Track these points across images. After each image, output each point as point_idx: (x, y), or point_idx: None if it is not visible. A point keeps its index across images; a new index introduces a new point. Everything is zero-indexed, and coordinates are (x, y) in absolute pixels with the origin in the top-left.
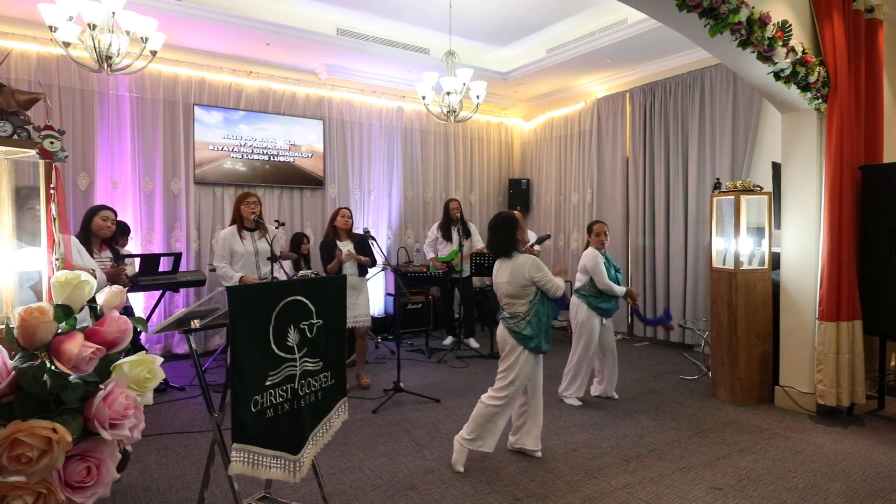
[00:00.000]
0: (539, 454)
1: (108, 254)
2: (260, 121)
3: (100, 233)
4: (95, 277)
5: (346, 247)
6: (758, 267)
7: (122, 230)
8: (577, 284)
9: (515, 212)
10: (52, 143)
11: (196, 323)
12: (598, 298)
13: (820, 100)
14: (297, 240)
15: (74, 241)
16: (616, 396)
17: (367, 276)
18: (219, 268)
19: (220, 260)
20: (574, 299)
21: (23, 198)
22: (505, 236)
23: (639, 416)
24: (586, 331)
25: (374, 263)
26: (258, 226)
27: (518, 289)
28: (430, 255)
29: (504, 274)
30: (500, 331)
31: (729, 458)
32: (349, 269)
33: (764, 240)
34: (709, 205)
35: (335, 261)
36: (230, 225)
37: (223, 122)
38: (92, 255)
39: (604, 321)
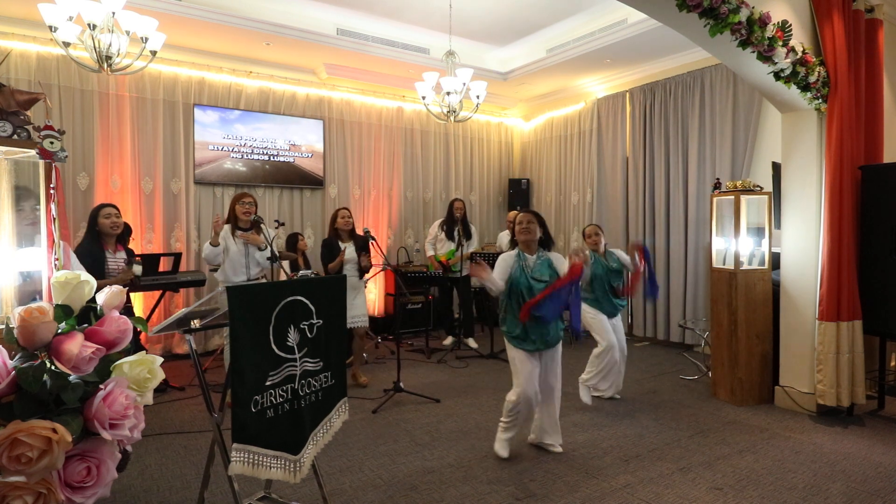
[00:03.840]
0: (557, 449)
1: (122, 254)
2: (260, 121)
3: (111, 231)
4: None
5: (347, 248)
6: (758, 267)
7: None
8: None
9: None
10: (52, 143)
11: (196, 323)
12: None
13: (820, 100)
14: (293, 240)
15: (73, 258)
16: (617, 397)
17: (367, 278)
18: (204, 247)
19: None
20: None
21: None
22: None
23: (639, 416)
24: (595, 323)
25: (369, 267)
26: (254, 226)
27: None
28: (430, 252)
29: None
30: None
31: (729, 458)
32: (350, 269)
33: (764, 240)
34: (709, 205)
35: (336, 260)
36: (225, 223)
37: (223, 122)
38: (105, 257)
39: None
